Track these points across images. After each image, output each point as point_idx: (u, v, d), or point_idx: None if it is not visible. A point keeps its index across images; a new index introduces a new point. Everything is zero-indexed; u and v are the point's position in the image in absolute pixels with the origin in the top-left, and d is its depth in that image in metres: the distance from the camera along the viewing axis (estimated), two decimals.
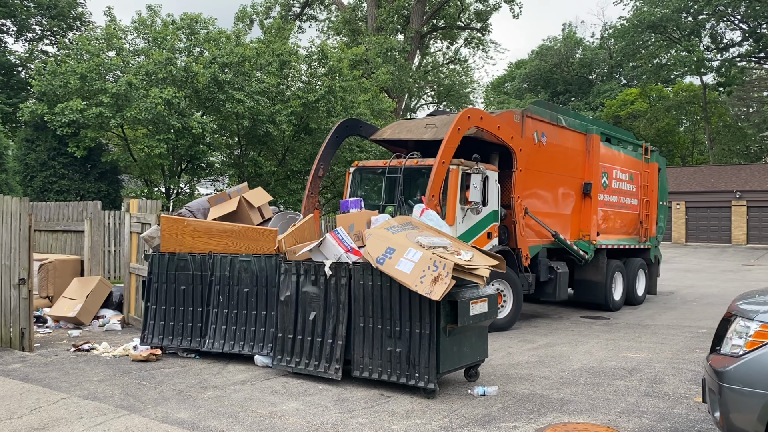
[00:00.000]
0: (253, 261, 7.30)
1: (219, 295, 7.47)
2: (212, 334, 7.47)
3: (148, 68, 17.88)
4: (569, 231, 11.82)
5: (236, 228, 7.58)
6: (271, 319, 7.15)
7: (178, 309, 7.68)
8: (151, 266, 7.85)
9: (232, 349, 7.34)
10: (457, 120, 9.49)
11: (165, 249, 7.80)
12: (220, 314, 7.44)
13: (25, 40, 29.93)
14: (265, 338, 7.19)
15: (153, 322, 7.79)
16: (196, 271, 7.60)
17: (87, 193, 19.63)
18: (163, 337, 7.71)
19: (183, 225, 7.74)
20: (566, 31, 59.73)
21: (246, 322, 7.31)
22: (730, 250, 34.30)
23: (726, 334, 4.37)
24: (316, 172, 10.89)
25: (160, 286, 7.77)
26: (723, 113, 52.18)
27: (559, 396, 6.35)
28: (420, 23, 33.27)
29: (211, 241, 7.60)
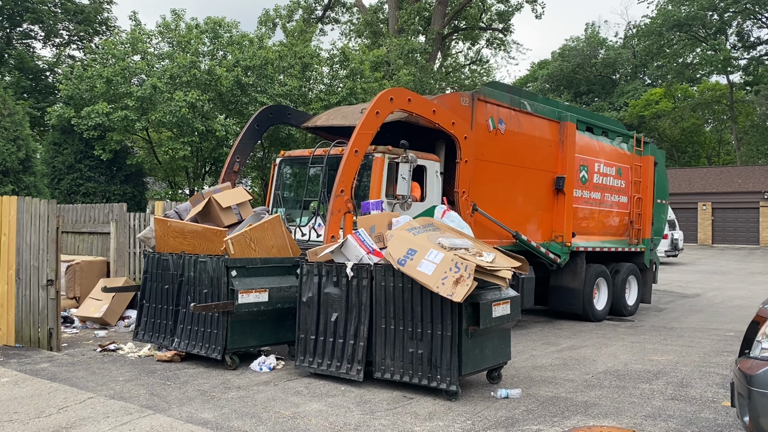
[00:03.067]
0: (209, 262, 7.32)
1: (187, 295, 7.55)
2: (179, 333, 7.56)
3: (173, 72, 18.11)
4: (539, 231, 10.63)
5: (199, 229, 7.62)
6: (222, 321, 7.09)
7: (162, 307, 7.82)
8: (146, 265, 8.03)
9: (193, 349, 7.37)
10: (376, 102, 8.17)
11: (158, 249, 7.97)
12: (187, 314, 7.53)
13: (52, 45, 30.50)
14: (216, 340, 7.16)
15: (146, 319, 7.96)
16: (174, 270, 7.71)
17: (113, 195, 19.93)
18: (152, 334, 7.85)
19: (167, 226, 7.87)
20: (589, 30, 59.33)
21: (204, 323, 7.33)
22: (759, 251, 33.68)
23: (755, 338, 4.29)
24: (230, 167, 9.84)
25: (152, 285, 7.93)
26: (750, 113, 51.30)
27: (584, 399, 6.28)
28: (441, 24, 33.22)
29: (184, 242, 7.69)
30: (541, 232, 10.73)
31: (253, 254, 7.35)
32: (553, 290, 11.37)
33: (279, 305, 7.43)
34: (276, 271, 7.51)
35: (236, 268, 7.13)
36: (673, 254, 27.08)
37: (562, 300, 11.33)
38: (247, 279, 7.19)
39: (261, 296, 7.19)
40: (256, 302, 7.17)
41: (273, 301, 7.35)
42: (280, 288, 7.43)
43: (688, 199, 38.38)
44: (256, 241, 7.41)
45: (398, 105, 8.40)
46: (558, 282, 11.28)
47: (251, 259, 7.30)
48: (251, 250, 7.35)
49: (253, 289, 7.14)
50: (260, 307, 7.22)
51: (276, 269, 7.51)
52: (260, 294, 7.19)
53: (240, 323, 7.21)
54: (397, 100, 8.38)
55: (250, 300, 7.10)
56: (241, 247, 7.28)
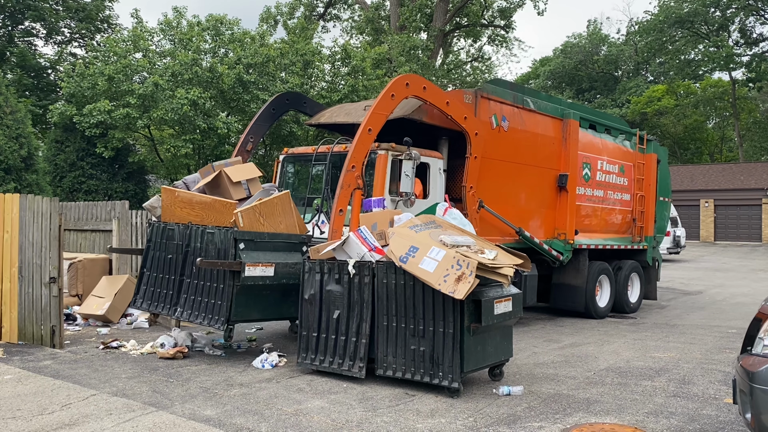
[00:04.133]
0: (217, 233, 7.27)
1: (192, 266, 7.47)
2: (182, 303, 7.51)
3: (174, 69, 18.12)
4: (542, 229, 10.61)
5: (208, 200, 7.60)
6: (227, 293, 7.07)
7: (164, 277, 7.76)
8: (150, 234, 7.97)
9: (195, 319, 7.33)
10: (392, 84, 8.27)
11: (163, 219, 7.92)
12: (192, 285, 7.47)
13: (54, 42, 30.53)
14: (220, 311, 7.12)
15: (145, 288, 7.90)
16: (179, 240, 7.65)
17: (115, 192, 19.96)
18: (151, 302, 7.80)
19: (174, 196, 7.85)
20: (591, 27, 59.17)
21: (208, 294, 7.29)
22: (761, 248, 33.64)
23: (757, 335, 4.28)
24: (243, 145, 9.82)
25: (154, 254, 7.87)
26: (753, 109, 51.22)
27: (586, 396, 6.28)
28: (443, 21, 33.18)
29: (192, 213, 7.65)
30: (544, 229, 10.71)
31: (262, 229, 7.29)
32: (555, 288, 11.36)
33: (284, 281, 7.37)
34: (283, 247, 7.46)
35: (244, 240, 7.07)
36: (675, 251, 27.06)
37: (564, 297, 11.32)
38: (254, 252, 7.14)
39: (267, 270, 7.16)
40: (261, 276, 7.12)
41: (278, 276, 7.29)
42: (286, 264, 7.37)
43: (691, 196, 38.34)
44: (265, 216, 7.36)
45: (413, 91, 8.45)
46: (561, 279, 11.27)
47: (259, 233, 7.24)
48: (260, 225, 7.29)
49: (259, 263, 7.10)
50: (266, 281, 7.17)
51: (283, 245, 7.47)
52: (266, 268, 7.15)
53: (245, 295, 7.14)
54: (413, 86, 8.43)
55: (256, 273, 7.07)
56: (250, 221, 7.22)
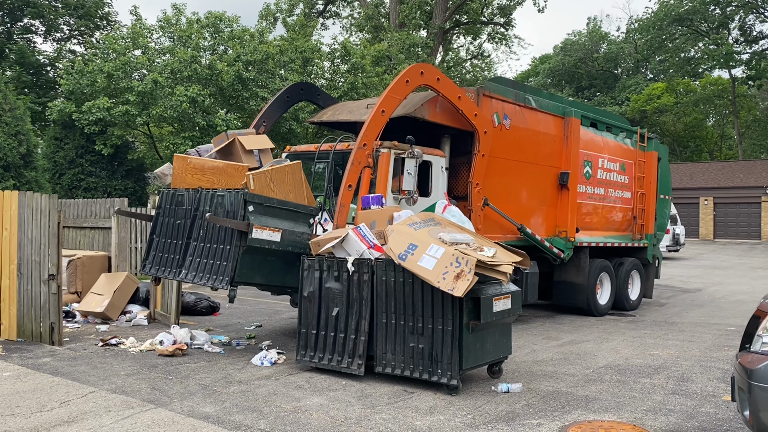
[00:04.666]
0: (227, 195, 7.27)
1: (200, 229, 7.48)
2: (188, 265, 7.49)
3: (174, 66, 18.10)
4: (543, 226, 10.66)
5: (220, 165, 7.63)
6: (233, 254, 7.07)
7: (172, 242, 7.75)
8: (160, 201, 7.99)
9: (200, 281, 7.31)
10: (407, 71, 8.48)
11: (173, 186, 7.95)
12: (197, 247, 7.47)
13: (53, 40, 30.49)
14: (225, 272, 7.11)
15: (154, 253, 7.91)
16: (188, 205, 7.66)
17: (114, 190, 19.96)
18: (158, 267, 7.81)
19: (186, 163, 7.89)
20: (591, 25, 59.10)
21: (214, 255, 7.28)
22: (760, 246, 33.66)
23: (756, 332, 4.29)
24: (256, 128, 9.80)
25: (164, 220, 7.87)
26: (752, 107, 51.21)
27: (584, 393, 6.29)
28: (443, 19, 33.15)
29: (203, 178, 7.67)
30: (545, 227, 10.74)
31: (271, 195, 7.31)
32: (556, 285, 11.39)
33: (290, 248, 7.35)
34: (291, 215, 7.45)
35: (254, 203, 7.07)
36: (675, 249, 27.06)
37: (565, 295, 11.36)
38: (263, 217, 7.14)
39: (274, 235, 7.15)
40: (268, 240, 7.11)
41: (284, 242, 7.28)
42: (292, 232, 7.37)
43: (690, 194, 38.34)
44: (276, 182, 7.38)
45: (427, 80, 8.58)
46: (562, 277, 11.30)
47: (269, 198, 7.25)
48: (270, 190, 7.30)
49: (267, 227, 7.10)
50: (272, 245, 7.15)
51: (291, 213, 7.46)
52: (273, 233, 7.15)
53: (250, 258, 7.12)
54: (427, 75, 8.56)
55: (263, 237, 7.06)
56: (261, 185, 7.22)
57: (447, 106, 9.08)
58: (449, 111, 9.11)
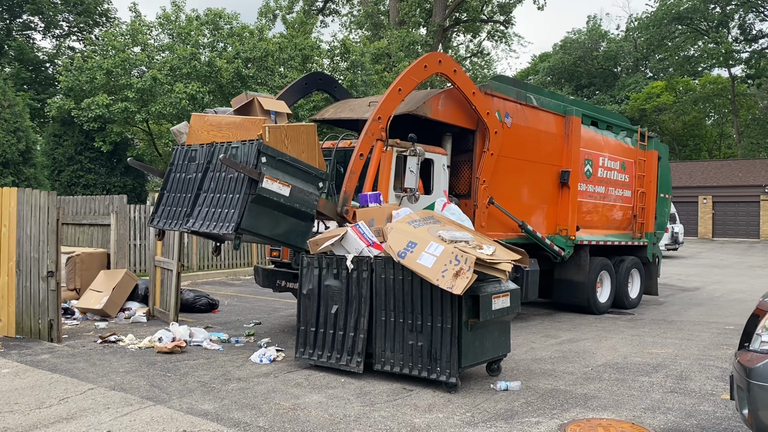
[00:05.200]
0: (240, 147, 7.26)
1: (211, 181, 7.48)
2: (196, 215, 7.46)
3: (173, 63, 18.08)
4: (544, 225, 10.69)
5: (238, 120, 7.62)
6: (241, 201, 7.03)
7: (182, 196, 7.72)
8: (173, 157, 7.99)
9: (207, 228, 7.28)
10: (425, 57, 8.66)
11: (188, 143, 7.95)
12: (207, 198, 7.46)
13: (52, 36, 30.45)
14: (232, 218, 7.04)
15: (163, 208, 7.88)
16: (201, 159, 7.66)
17: (113, 187, 19.94)
18: (166, 221, 7.78)
19: (204, 120, 7.90)
20: (591, 23, 59.09)
21: (222, 204, 7.26)
22: (759, 245, 33.69)
23: (755, 331, 4.29)
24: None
25: (175, 176, 7.86)
26: (752, 106, 51.19)
27: (583, 392, 6.30)
28: (442, 17, 33.11)
29: (219, 134, 7.67)
30: (546, 225, 10.77)
31: (285, 151, 7.30)
32: (557, 283, 11.42)
33: (297, 206, 7.32)
34: (301, 174, 7.42)
35: (267, 155, 7.05)
36: (674, 248, 27.07)
37: (566, 293, 11.38)
38: (274, 170, 7.12)
39: (283, 189, 7.14)
40: (277, 193, 7.09)
41: (293, 198, 7.25)
42: (302, 190, 7.35)
43: (689, 193, 38.36)
44: (290, 139, 7.37)
45: (444, 69, 8.74)
46: (562, 275, 11.33)
47: (282, 153, 7.23)
48: (284, 146, 7.30)
49: (278, 180, 7.09)
50: (280, 199, 7.13)
51: (302, 173, 7.42)
52: (283, 187, 7.14)
53: (257, 207, 7.07)
54: (445, 65, 8.75)
55: (273, 188, 7.04)
56: (275, 139, 7.22)
57: (449, 104, 9.08)
58: (451, 109, 9.12)
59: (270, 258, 9.57)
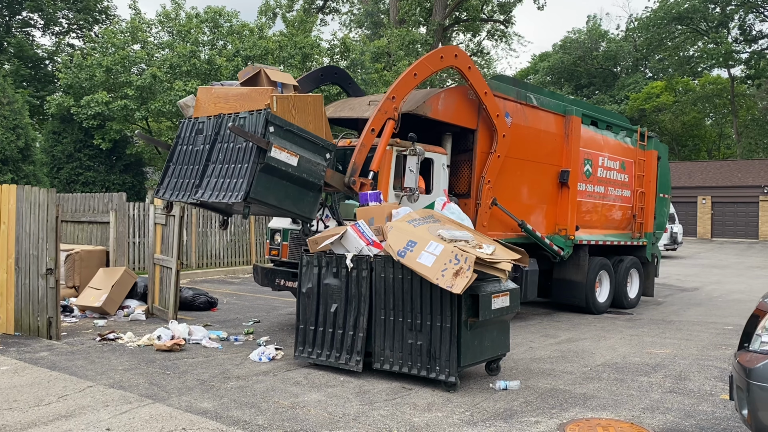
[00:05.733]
0: (248, 117, 7.27)
1: (219, 152, 7.48)
2: (205, 185, 7.46)
3: (172, 61, 18.06)
4: (543, 224, 10.69)
5: (245, 90, 7.65)
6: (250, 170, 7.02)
7: (189, 168, 7.73)
8: (180, 130, 8.00)
9: (216, 198, 7.28)
10: (441, 49, 8.95)
11: (195, 116, 7.96)
12: (215, 168, 7.46)
13: (52, 33, 30.41)
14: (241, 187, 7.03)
15: (169, 180, 7.90)
16: (208, 131, 7.66)
17: (112, 184, 19.92)
18: (172, 192, 7.79)
19: (210, 93, 7.93)
20: (591, 23, 59.03)
21: (231, 174, 7.27)
22: (758, 245, 33.72)
23: (755, 331, 4.29)
24: None
25: (182, 148, 7.87)
26: (751, 106, 51.19)
27: (582, 391, 6.30)
28: (443, 16, 33.09)
29: (226, 105, 7.68)
30: (545, 224, 10.77)
31: (292, 120, 7.33)
32: (556, 283, 11.43)
33: (305, 176, 7.34)
34: (308, 145, 7.43)
35: (275, 125, 7.05)
36: (672, 248, 27.09)
37: (565, 292, 11.39)
38: (282, 140, 7.14)
39: (291, 159, 7.18)
40: (285, 162, 7.12)
41: (300, 168, 7.28)
42: (309, 160, 7.37)
43: (688, 193, 38.39)
44: (297, 110, 7.41)
45: (459, 64, 8.99)
46: (561, 275, 11.34)
47: (289, 122, 7.25)
48: (291, 116, 7.33)
49: (285, 149, 7.12)
50: (288, 169, 7.16)
51: (309, 143, 7.43)
52: (291, 157, 7.18)
53: (266, 177, 7.09)
54: (460, 60, 9.00)
55: (281, 158, 7.08)
56: (283, 109, 7.25)
57: (449, 104, 9.08)
58: (451, 108, 9.12)
59: (269, 257, 9.56)
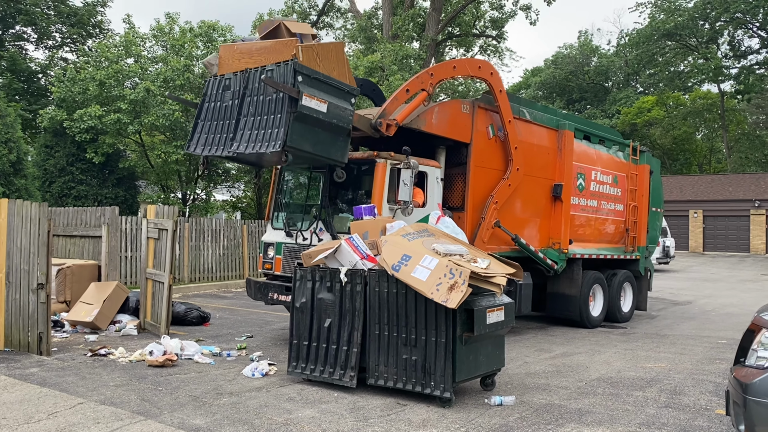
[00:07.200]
0: (276, 69, 7.46)
1: (249, 106, 7.74)
2: (239, 138, 7.69)
3: (166, 75, 18.07)
4: (537, 238, 10.67)
5: (268, 44, 7.79)
6: (284, 120, 7.22)
7: (220, 123, 7.97)
8: (205, 88, 8.25)
9: (253, 149, 7.49)
10: (482, 62, 9.81)
11: (219, 73, 8.18)
12: (248, 122, 7.66)
13: (45, 47, 30.40)
14: (277, 137, 7.26)
15: (198, 136, 8.17)
16: (236, 87, 7.88)
17: (104, 198, 19.83)
18: (205, 147, 8.06)
19: (233, 49, 8.11)
20: (582, 38, 59.63)
21: (266, 126, 7.49)
22: (749, 259, 33.87)
23: (751, 346, 4.29)
24: None
25: (209, 105, 8.11)
26: (741, 121, 51.70)
27: (578, 406, 6.27)
28: (435, 31, 33.29)
29: (251, 60, 7.86)
30: (539, 238, 10.76)
31: (318, 69, 7.51)
32: (550, 296, 11.43)
33: (335, 121, 7.57)
34: (334, 91, 7.63)
35: (302, 74, 7.25)
36: (665, 261, 27.18)
37: (559, 306, 11.39)
38: (310, 88, 7.34)
39: (321, 106, 7.40)
40: (316, 109, 7.35)
41: (330, 114, 7.49)
42: (337, 106, 7.59)
43: (680, 207, 38.59)
44: (321, 58, 7.58)
45: (492, 82, 9.61)
46: (555, 288, 11.34)
47: (316, 71, 7.43)
48: (316, 65, 7.50)
49: (315, 97, 7.35)
50: (319, 116, 7.38)
51: (335, 89, 7.63)
52: (321, 104, 7.40)
53: (300, 125, 7.29)
54: (494, 79, 9.66)
55: (312, 105, 7.31)
56: (308, 57, 7.42)
57: (443, 117, 9.12)
58: (445, 122, 9.15)
59: (262, 270, 9.52)
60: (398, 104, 8.47)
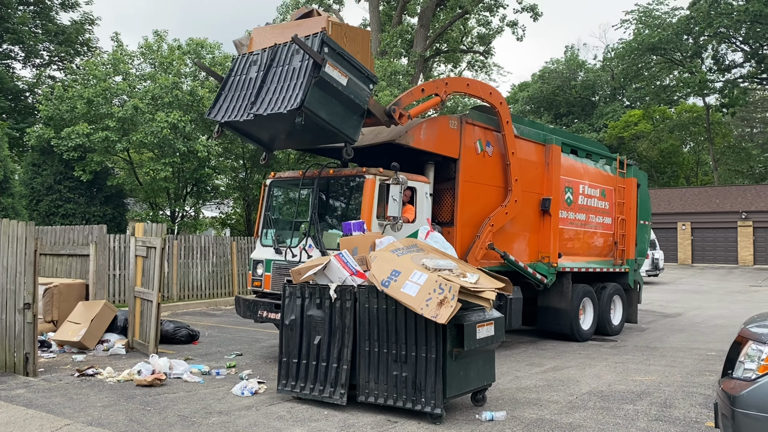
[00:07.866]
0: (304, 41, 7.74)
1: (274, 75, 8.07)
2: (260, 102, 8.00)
3: (154, 92, 18.05)
4: (526, 252, 10.73)
5: (299, 22, 8.18)
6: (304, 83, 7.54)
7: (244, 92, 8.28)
8: (233, 65, 8.66)
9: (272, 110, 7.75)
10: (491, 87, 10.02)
11: (250, 49, 8.57)
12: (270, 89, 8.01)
13: (32, 65, 30.28)
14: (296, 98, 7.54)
15: (221, 104, 8.51)
16: (263, 61, 8.23)
17: (92, 216, 19.69)
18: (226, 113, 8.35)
19: (265, 29, 8.58)
20: (569, 53, 60.20)
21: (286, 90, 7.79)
22: (737, 271, 34.10)
23: (738, 358, 4.31)
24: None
25: (235, 78, 8.50)
26: (727, 134, 52.30)
27: (569, 421, 6.26)
28: (423, 47, 33.55)
29: (280, 38, 8.22)
30: (528, 252, 10.80)
31: (344, 47, 7.94)
32: (540, 310, 11.46)
33: (352, 96, 7.92)
34: (355, 72, 8.01)
35: (329, 46, 7.66)
36: (654, 274, 27.31)
37: (549, 320, 11.41)
38: (334, 60, 7.74)
39: (342, 78, 7.83)
40: (337, 80, 7.75)
41: (349, 89, 7.88)
42: (356, 84, 7.99)
43: (668, 219, 38.87)
44: (348, 38, 8.12)
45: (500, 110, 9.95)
46: (545, 302, 11.36)
47: (341, 47, 7.86)
48: (343, 43, 7.94)
49: (338, 68, 7.77)
50: (339, 87, 7.76)
51: (356, 70, 8.02)
52: (342, 76, 7.83)
53: (319, 92, 7.62)
54: (503, 109, 10.03)
55: (334, 75, 7.72)
56: (337, 34, 7.91)
57: (431, 133, 9.16)
58: (433, 137, 9.20)
59: (251, 288, 9.48)
60: (412, 99, 8.78)
